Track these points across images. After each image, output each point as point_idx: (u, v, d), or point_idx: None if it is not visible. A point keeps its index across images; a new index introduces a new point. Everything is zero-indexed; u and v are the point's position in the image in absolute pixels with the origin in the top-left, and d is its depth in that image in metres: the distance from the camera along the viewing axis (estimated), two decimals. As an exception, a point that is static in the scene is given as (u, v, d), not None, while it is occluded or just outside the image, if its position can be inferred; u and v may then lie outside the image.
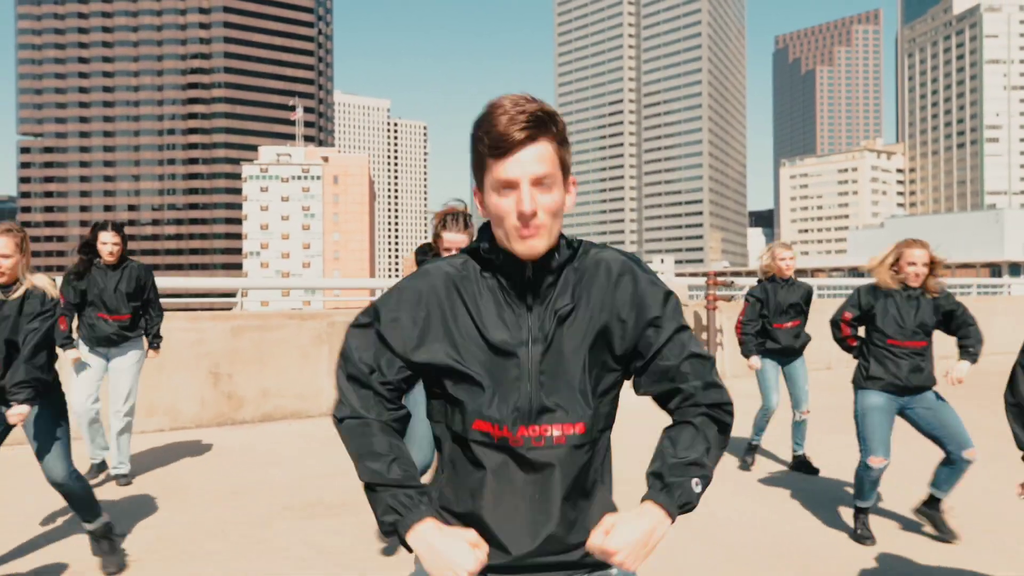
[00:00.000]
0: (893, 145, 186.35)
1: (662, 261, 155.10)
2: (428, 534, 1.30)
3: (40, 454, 3.60)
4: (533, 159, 1.33)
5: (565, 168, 1.39)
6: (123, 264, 5.08)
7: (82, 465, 5.70)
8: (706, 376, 1.45)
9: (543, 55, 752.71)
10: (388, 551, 3.90)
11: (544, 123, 1.34)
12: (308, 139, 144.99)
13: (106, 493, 5.06)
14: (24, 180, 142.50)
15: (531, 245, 1.35)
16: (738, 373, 10.39)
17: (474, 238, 3.22)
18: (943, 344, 4.91)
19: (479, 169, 1.39)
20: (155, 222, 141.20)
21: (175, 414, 7.01)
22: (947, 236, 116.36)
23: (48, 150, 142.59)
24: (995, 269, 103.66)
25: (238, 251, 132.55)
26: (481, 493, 1.39)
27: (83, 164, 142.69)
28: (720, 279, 9.93)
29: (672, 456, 1.40)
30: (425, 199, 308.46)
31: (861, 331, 4.39)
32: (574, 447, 1.41)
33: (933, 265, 4.07)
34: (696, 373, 1.44)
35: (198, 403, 7.17)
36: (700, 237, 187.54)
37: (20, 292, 3.52)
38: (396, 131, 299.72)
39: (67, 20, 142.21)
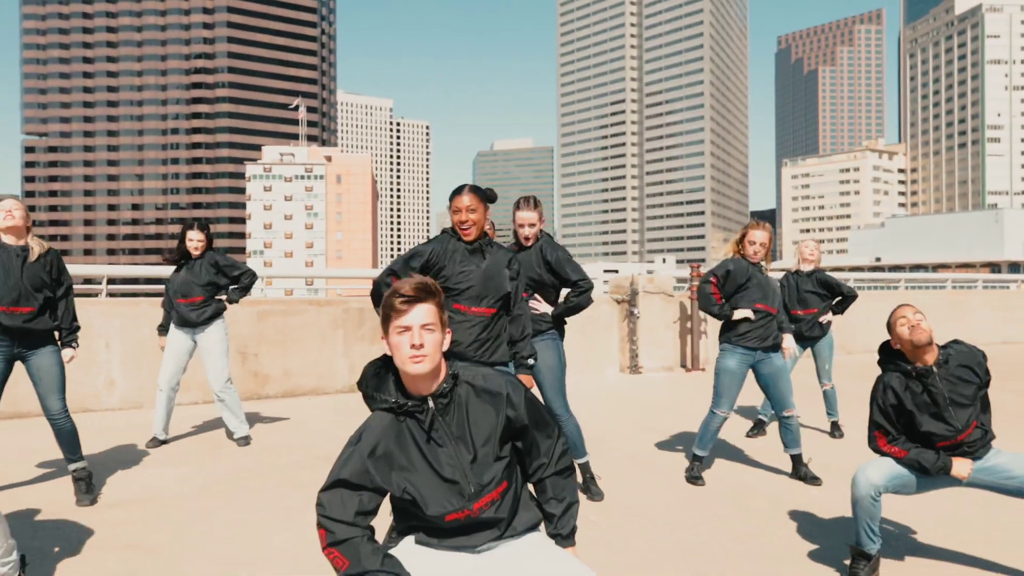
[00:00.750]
0: (895, 145, 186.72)
1: (663, 260, 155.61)
2: None
3: (45, 391, 4.36)
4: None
5: (443, 322, 2.12)
6: (202, 256, 5.79)
7: (141, 434, 6.51)
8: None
9: (546, 55, 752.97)
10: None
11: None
12: (311, 138, 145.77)
13: (157, 453, 5.82)
14: (28, 179, 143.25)
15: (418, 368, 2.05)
16: (722, 359, 11.15)
17: (543, 219, 4.21)
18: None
19: (385, 322, 2.10)
20: (159, 221, 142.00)
21: (207, 389, 7.77)
22: (948, 236, 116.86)
23: (52, 149, 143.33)
24: (995, 268, 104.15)
25: (242, 250, 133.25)
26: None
27: (87, 163, 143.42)
28: (701, 271, 10.68)
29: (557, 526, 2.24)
30: (427, 198, 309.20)
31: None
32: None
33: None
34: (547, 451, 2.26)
35: (228, 380, 7.94)
36: (702, 237, 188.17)
37: (38, 252, 4.32)
38: (398, 130, 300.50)
39: (71, 20, 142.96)
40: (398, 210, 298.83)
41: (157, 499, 4.55)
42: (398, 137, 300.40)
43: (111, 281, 8.35)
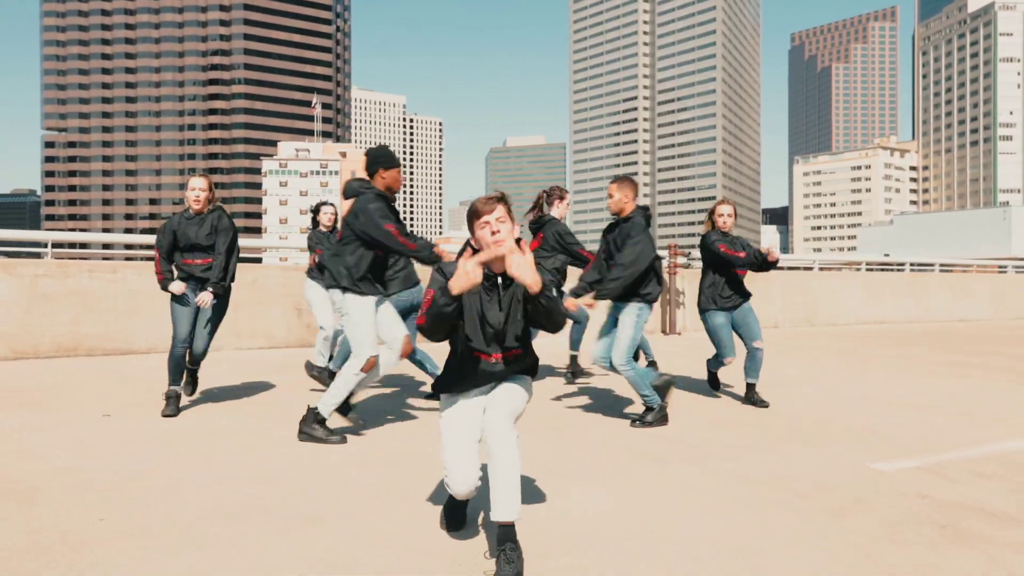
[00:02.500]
0: (907, 143, 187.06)
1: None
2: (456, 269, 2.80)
3: (207, 330, 5.55)
4: (497, 215, 2.81)
5: (511, 218, 2.89)
6: (335, 229, 7.44)
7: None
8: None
9: (558, 52, 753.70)
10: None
11: (499, 200, 2.88)
12: (326, 134, 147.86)
13: (259, 371, 7.69)
14: (48, 174, 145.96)
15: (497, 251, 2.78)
16: (697, 327, 12.95)
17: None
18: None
19: (470, 225, 2.88)
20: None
21: (269, 337, 9.66)
22: (956, 233, 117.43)
23: (71, 145, 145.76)
24: (1002, 267, 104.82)
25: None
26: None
27: (106, 159, 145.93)
28: (679, 250, 12.48)
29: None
30: (440, 194, 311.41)
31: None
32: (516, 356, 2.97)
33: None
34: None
35: (285, 330, 9.83)
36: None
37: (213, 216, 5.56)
38: (412, 127, 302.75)
39: (91, 18, 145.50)
40: (411, 206, 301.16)
41: (271, 393, 6.44)
42: (411, 133, 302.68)
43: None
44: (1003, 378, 7.80)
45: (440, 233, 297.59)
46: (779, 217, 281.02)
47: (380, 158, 4.90)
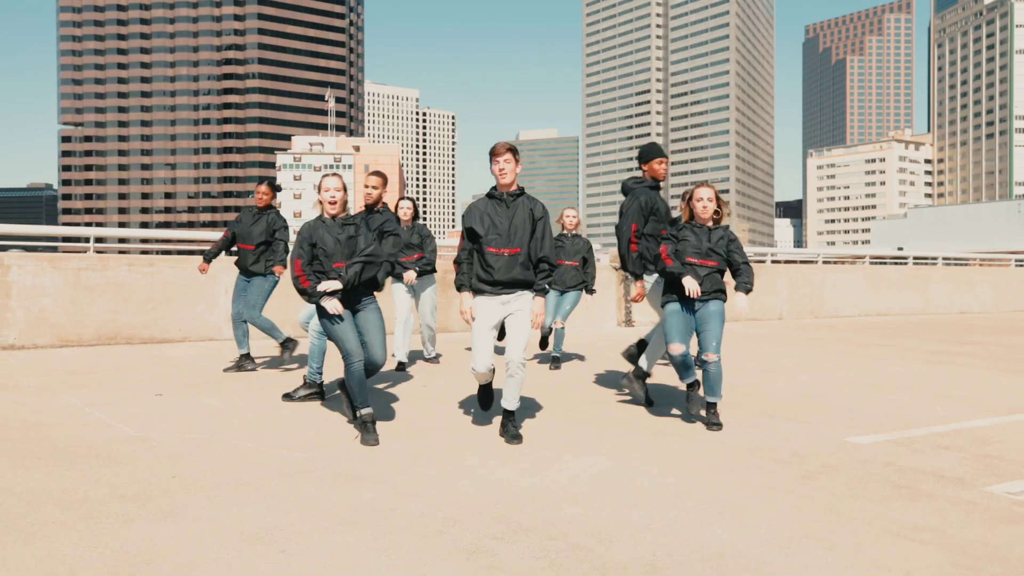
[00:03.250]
0: (921, 135, 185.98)
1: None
2: (464, 298, 4.60)
3: (374, 343, 4.76)
4: (504, 157, 4.51)
5: (516, 161, 4.53)
6: (415, 223, 7.78)
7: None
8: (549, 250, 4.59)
9: (571, 45, 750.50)
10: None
11: (510, 149, 4.53)
12: (339, 128, 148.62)
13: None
14: (65, 168, 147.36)
15: (503, 182, 4.54)
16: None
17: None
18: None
19: (491, 159, 4.53)
20: (191, 209, 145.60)
21: (296, 326, 10.20)
22: (969, 226, 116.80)
23: (88, 139, 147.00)
24: (1020, 261, 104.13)
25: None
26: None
27: (121, 153, 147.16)
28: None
29: (539, 285, 4.56)
30: (453, 187, 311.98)
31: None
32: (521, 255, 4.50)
33: (719, 203, 5.17)
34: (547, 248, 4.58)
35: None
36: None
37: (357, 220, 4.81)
38: (425, 120, 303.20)
39: (106, 13, 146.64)
40: (424, 199, 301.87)
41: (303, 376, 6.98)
42: (424, 127, 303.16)
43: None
44: (987, 365, 8.25)
45: (453, 227, 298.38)
46: (793, 210, 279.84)
47: (651, 150, 6.11)
